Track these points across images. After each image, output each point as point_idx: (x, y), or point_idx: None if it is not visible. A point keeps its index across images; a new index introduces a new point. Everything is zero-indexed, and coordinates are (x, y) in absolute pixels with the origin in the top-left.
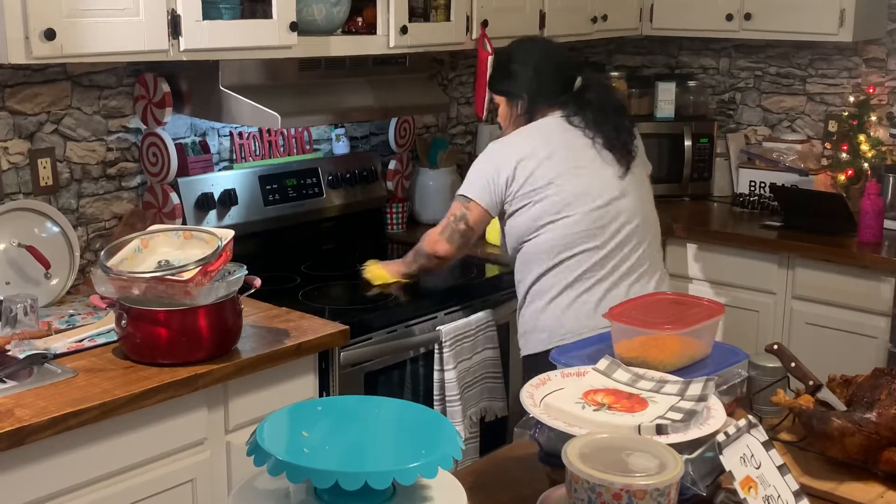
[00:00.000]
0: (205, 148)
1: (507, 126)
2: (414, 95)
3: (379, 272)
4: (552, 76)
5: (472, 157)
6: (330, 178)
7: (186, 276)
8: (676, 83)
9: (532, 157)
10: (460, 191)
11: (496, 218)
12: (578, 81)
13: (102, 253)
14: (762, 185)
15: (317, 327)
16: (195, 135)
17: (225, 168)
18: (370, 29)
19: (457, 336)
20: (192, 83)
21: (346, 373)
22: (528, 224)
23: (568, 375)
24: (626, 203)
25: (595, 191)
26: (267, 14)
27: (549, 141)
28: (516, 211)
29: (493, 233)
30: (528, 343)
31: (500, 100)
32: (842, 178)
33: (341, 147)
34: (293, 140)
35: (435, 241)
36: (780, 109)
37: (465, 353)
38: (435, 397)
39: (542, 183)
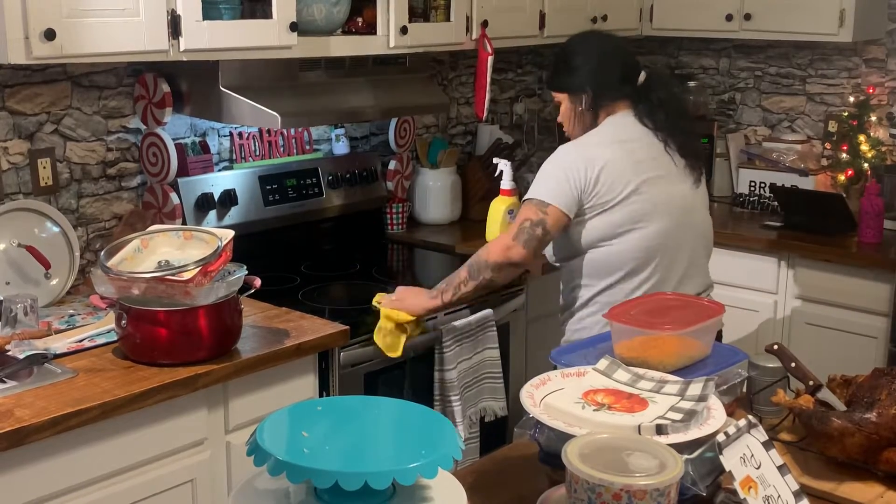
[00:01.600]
0: (205, 148)
1: (571, 125)
2: (414, 95)
3: (395, 314)
4: (617, 68)
5: (472, 157)
6: (330, 178)
7: (186, 276)
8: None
9: (611, 160)
10: (533, 195)
11: (504, 215)
12: (642, 75)
13: (102, 253)
14: (762, 185)
15: (317, 327)
16: (195, 135)
17: (225, 168)
18: (370, 29)
19: (457, 336)
20: (192, 83)
21: (346, 373)
22: (605, 229)
23: (568, 375)
24: (697, 217)
25: (675, 201)
26: (267, 14)
27: (627, 144)
28: (595, 215)
29: (491, 228)
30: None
31: (561, 97)
32: (842, 178)
33: (341, 147)
34: (293, 140)
35: (508, 247)
36: (780, 109)
37: (465, 353)
38: (435, 397)
39: (623, 188)
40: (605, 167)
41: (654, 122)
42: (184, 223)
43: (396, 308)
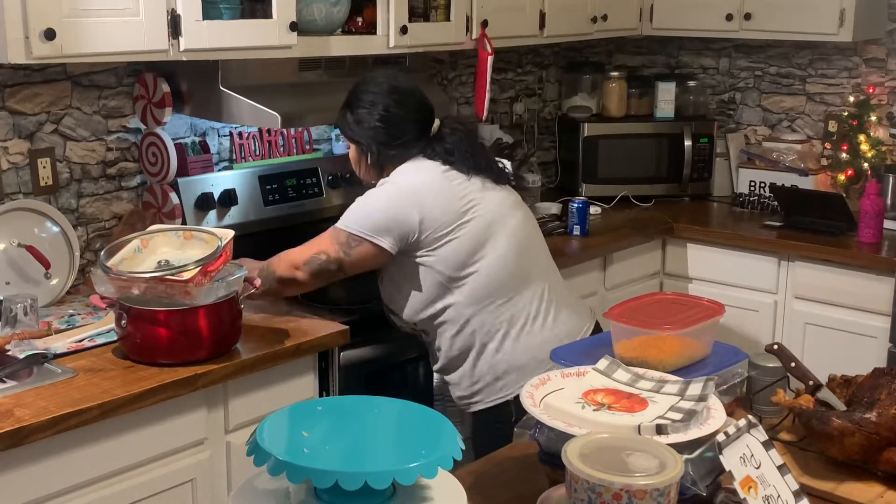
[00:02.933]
0: (204, 148)
1: (361, 171)
2: None
3: None
4: (407, 125)
5: None
6: (330, 178)
7: (186, 276)
8: (676, 83)
9: (436, 188)
10: (347, 224)
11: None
12: (436, 125)
13: (102, 253)
14: (762, 185)
15: (317, 327)
16: (195, 135)
17: (225, 168)
18: (370, 29)
19: None
20: (191, 83)
21: (346, 373)
22: (463, 253)
23: (568, 375)
24: (520, 222)
25: (504, 211)
26: (267, 14)
27: (437, 173)
28: (442, 245)
29: None
30: (492, 393)
31: (350, 143)
32: (842, 178)
33: (341, 147)
34: (293, 140)
35: (295, 267)
36: (780, 109)
37: None
38: (435, 397)
39: (454, 216)
40: (435, 192)
41: (452, 163)
42: (184, 223)
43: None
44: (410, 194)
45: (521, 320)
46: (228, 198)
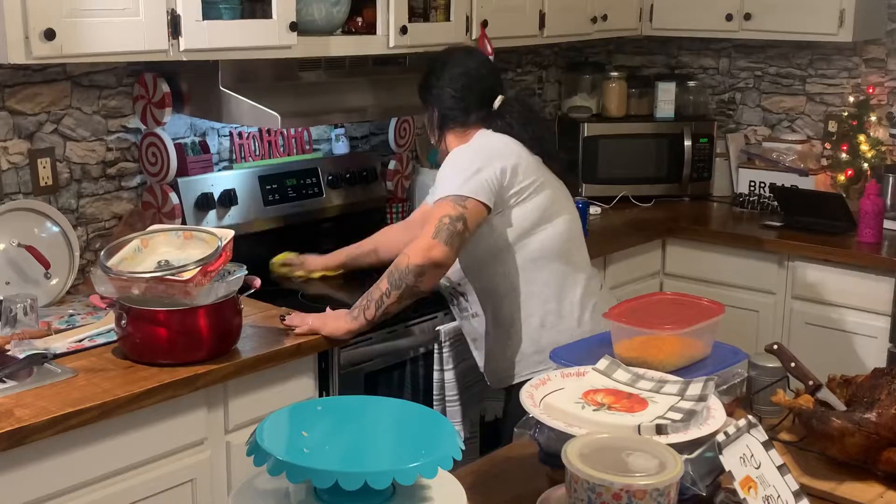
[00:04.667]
0: (204, 148)
1: (429, 133)
2: (414, 95)
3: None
4: (466, 93)
5: None
6: (330, 178)
7: (186, 276)
8: (676, 83)
9: (520, 151)
10: (447, 191)
11: None
12: (499, 100)
13: (102, 253)
14: (762, 185)
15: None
16: (195, 135)
17: (225, 168)
18: (370, 29)
19: (457, 336)
20: (191, 83)
21: (346, 373)
22: (536, 213)
23: (568, 375)
24: (576, 214)
25: (565, 196)
26: (267, 14)
27: (514, 141)
28: (519, 202)
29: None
30: (529, 366)
31: (424, 106)
32: (842, 178)
33: (341, 147)
34: (293, 140)
35: (429, 247)
36: (779, 109)
37: (465, 353)
38: (435, 397)
39: (537, 175)
40: (516, 153)
41: (521, 140)
42: (183, 223)
43: (315, 330)
44: (497, 150)
45: (568, 300)
46: (228, 198)
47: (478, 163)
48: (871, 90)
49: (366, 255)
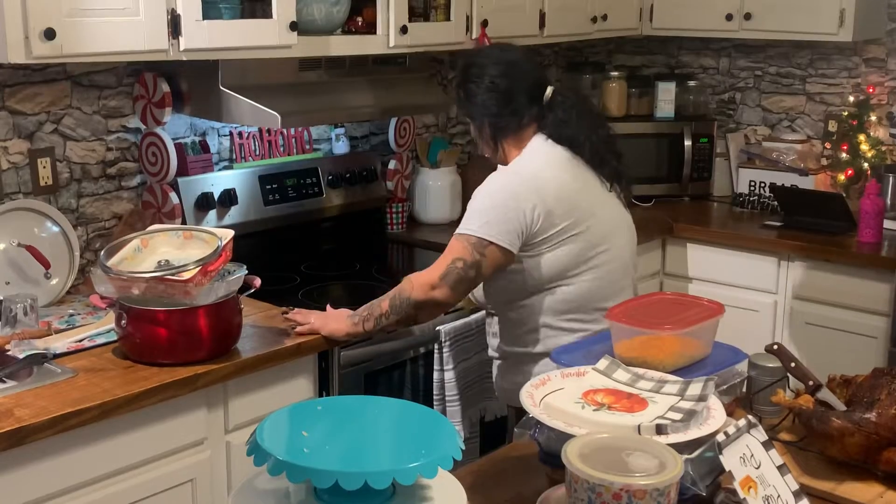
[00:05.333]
0: (204, 148)
1: (482, 147)
2: (414, 95)
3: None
4: (518, 94)
5: (472, 156)
6: (330, 177)
7: (186, 275)
8: (676, 83)
9: (560, 185)
10: (471, 229)
11: None
12: (549, 91)
13: (102, 253)
14: (762, 184)
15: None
16: (195, 134)
17: (225, 168)
18: (370, 29)
19: (457, 336)
20: (191, 83)
21: (346, 373)
22: (571, 261)
23: (568, 375)
24: (626, 243)
25: (615, 227)
26: (267, 14)
27: (564, 164)
28: (550, 248)
29: None
30: None
31: (469, 119)
32: (842, 178)
33: (341, 147)
34: (293, 140)
35: (433, 287)
36: (779, 109)
37: (465, 353)
38: (435, 397)
39: (579, 213)
40: (557, 193)
41: (570, 142)
42: (183, 223)
43: (316, 330)
44: (531, 182)
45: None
46: (228, 198)
47: (511, 201)
48: (871, 90)
49: None
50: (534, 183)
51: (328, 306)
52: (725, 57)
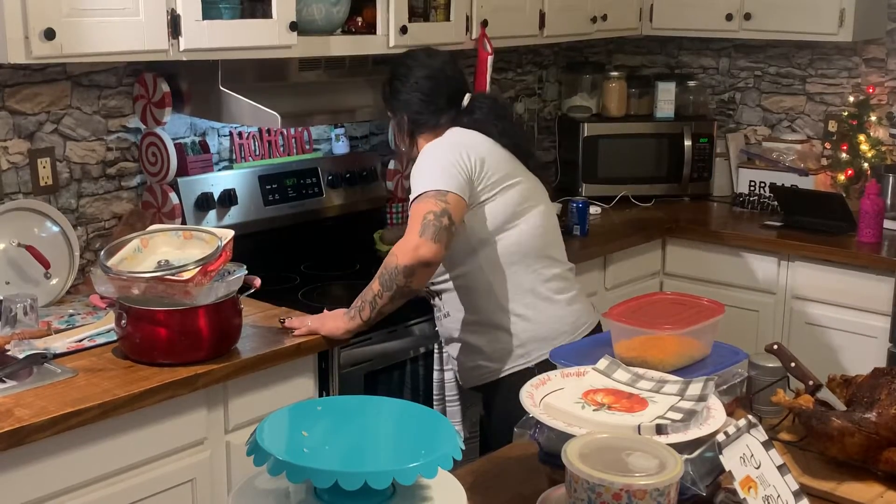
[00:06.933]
0: (204, 148)
1: (399, 141)
2: None
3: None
4: (433, 95)
5: None
6: (330, 177)
7: (186, 276)
8: (676, 83)
9: (488, 145)
10: (424, 188)
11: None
12: (467, 98)
13: (102, 253)
14: (762, 184)
15: None
16: (195, 134)
17: (225, 168)
18: (370, 29)
19: None
20: (191, 83)
21: (346, 373)
22: (509, 209)
23: (568, 375)
24: (550, 208)
25: (539, 191)
26: (267, 14)
27: (484, 137)
28: (490, 198)
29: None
30: (513, 359)
31: (390, 115)
32: (842, 178)
33: (341, 147)
34: (293, 140)
35: (416, 247)
36: (779, 109)
37: None
38: (435, 397)
39: (508, 169)
40: (487, 149)
41: (485, 133)
42: (183, 223)
43: (315, 331)
44: (468, 144)
45: (545, 292)
46: (228, 198)
47: (451, 156)
48: (871, 90)
49: None
50: (466, 141)
51: (325, 309)
52: (725, 57)
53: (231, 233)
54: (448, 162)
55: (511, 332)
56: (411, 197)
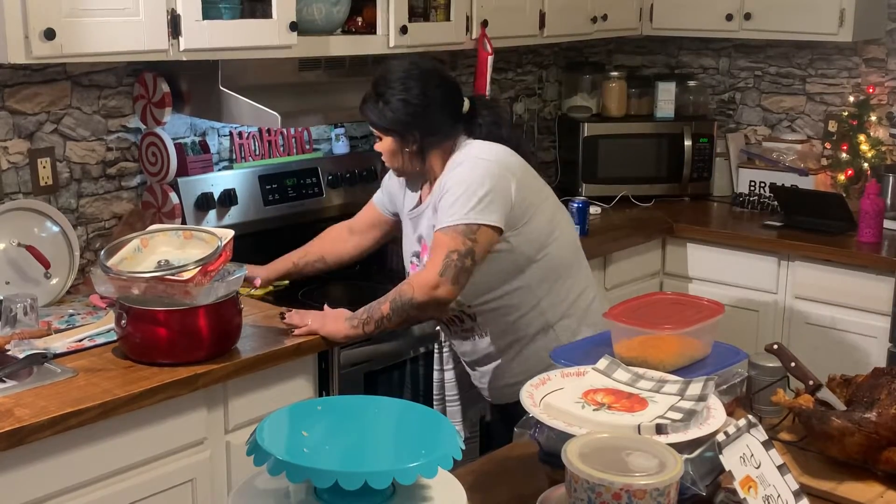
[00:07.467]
0: (204, 148)
1: (400, 162)
2: None
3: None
4: (438, 107)
5: None
6: (330, 177)
7: (186, 275)
8: (676, 83)
9: (513, 163)
10: (457, 218)
11: None
12: (466, 103)
13: (102, 252)
14: (762, 184)
15: None
16: (195, 134)
17: (225, 168)
18: (370, 29)
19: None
20: (191, 83)
21: (346, 373)
22: (547, 223)
23: (568, 375)
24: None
25: (557, 197)
26: (267, 14)
27: (507, 150)
28: (531, 216)
29: None
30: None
31: (381, 133)
32: (842, 178)
33: (341, 147)
34: (293, 140)
35: (434, 286)
36: (779, 109)
37: None
38: (435, 397)
39: (537, 185)
40: (517, 165)
41: (497, 140)
42: (183, 223)
43: (314, 331)
44: (502, 165)
45: (584, 303)
46: (228, 198)
47: (489, 182)
48: (871, 90)
49: (313, 264)
50: (504, 161)
51: (325, 306)
52: (725, 57)
53: (231, 233)
54: (485, 189)
55: (548, 349)
56: (440, 218)
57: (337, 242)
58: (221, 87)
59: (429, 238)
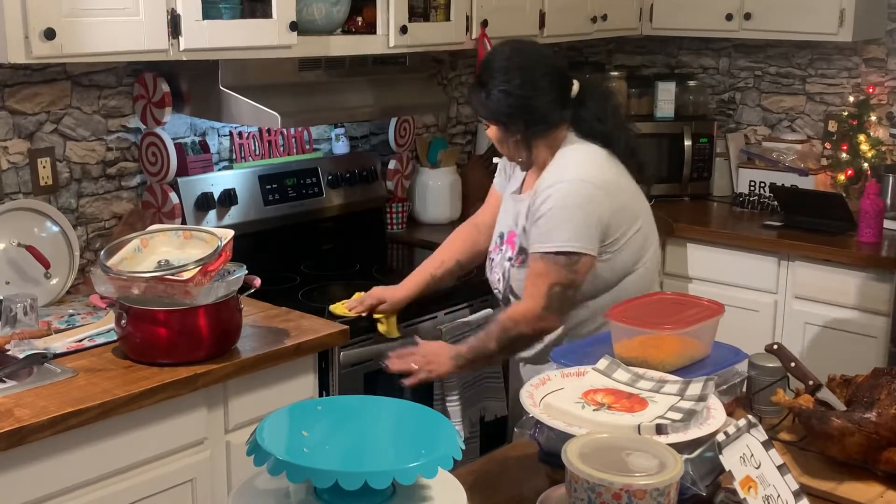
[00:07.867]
0: (204, 148)
1: (511, 152)
2: (414, 95)
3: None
4: (549, 90)
5: (472, 156)
6: (330, 177)
7: (186, 275)
8: (676, 83)
9: (620, 181)
10: (560, 244)
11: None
12: (575, 86)
13: (102, 252)
14: (762, 184)
15: (317, 327)
16: (195, 134)
17: (225, 168)
18: (370, 28)
19: (457, 335)
20: (191, 83)
21: (346, 373)
22: (634, 256)
23: (568, 375)
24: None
25: (652, 217)
26: (267, 14)
27: (610, 168)
28: (619, 248)
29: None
30: None
31: (489, 123)
32: (842, 178)
33: (341, 147)
34: (293, 140)
35: (540, 318)
36: (779, 109)
37: None
38: (435, 397)
39: (633, 212)
40: (621, 195)
41: (602, 138)
42: (183, 223)
43: (424, 380)
44: (602, 187)
45: None
46: (228, 198)
47: (589, 206)
48: (871, 90)
49: (451, 271)
50: (605, 187)
51: (416, 338)
52: (725, 57)
53: (231, 233)
54: (586, 215)
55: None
56: (538, 237)
57: (468, 242)
58: (221, 87)
59: (518, 232)
